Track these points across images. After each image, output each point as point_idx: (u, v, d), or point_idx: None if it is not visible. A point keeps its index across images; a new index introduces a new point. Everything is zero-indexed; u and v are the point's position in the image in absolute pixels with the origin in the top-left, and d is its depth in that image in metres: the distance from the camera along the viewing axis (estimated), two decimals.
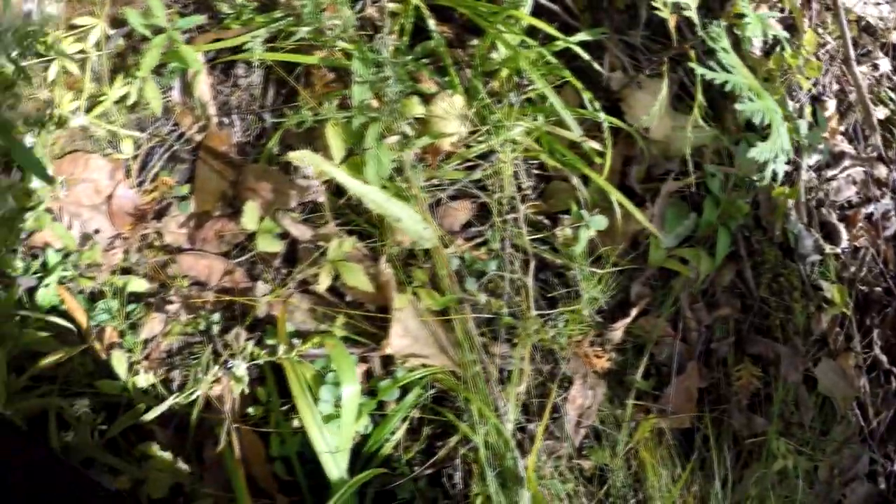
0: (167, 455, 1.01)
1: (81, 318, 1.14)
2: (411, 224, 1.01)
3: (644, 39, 1.28)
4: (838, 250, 1.31)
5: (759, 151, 0.98)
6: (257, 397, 1.12)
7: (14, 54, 0.98)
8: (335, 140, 1.07)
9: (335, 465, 1.01)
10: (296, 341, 1.11)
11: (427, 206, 1.10)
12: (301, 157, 1.05)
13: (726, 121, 1.28)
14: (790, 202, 1.30)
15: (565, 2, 1.24)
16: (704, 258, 1.24)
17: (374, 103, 1.09)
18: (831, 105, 1.35)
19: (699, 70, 0.99)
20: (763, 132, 1.32)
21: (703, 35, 1.03)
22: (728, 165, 1.28)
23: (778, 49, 1.29)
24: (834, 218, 1.31)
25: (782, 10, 1.34)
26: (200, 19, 1.11)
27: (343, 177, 0.97)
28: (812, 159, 1.32)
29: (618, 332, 1.20)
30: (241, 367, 1.02)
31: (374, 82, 1.05)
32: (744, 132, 1.30)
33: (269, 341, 1.11)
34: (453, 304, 1.08)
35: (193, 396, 1.04)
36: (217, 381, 1.10)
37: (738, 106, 0.99)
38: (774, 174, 1.03)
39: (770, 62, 1.30)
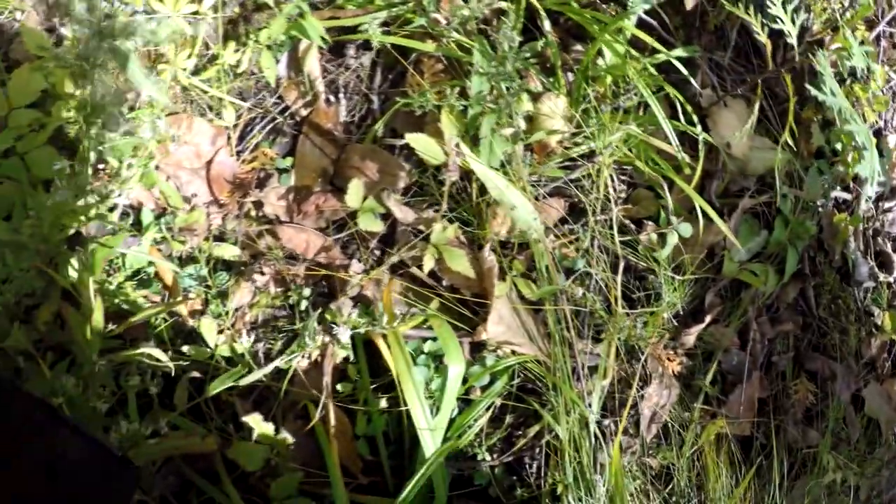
0: (269, 427, 1.01)
1: (170, 281, 1.13)
2: (524, 214, 1.04)
3: (730, 60, 1.34)
4: (891, 279, 1.38)
5: (861, 168, 1.04)
6: (346, 374, 1.12)
7: None
8: (449, 127, 1.09)
9: (432, 444, 1.02)
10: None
11: None
12: (418, 140, 1.08)
13: (799, 146, 1.35)
14: (850, 229, 1.36)
15: (663, 18, 1.29)
16: (772, 274, 1.30)
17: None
18: (891, 140, 1.43)
19: (814, 91, 1.04)
20: (831, 160, 1.39)
21: (814, 61, 1.08)
22: (797, 188, 1.34)
23: (849, 82, 1.37)
24: (889, 248, 1.39)
25: None
26: None
27: (472, 159, 0.99)
28: (871, 190, 1.39)
29: (691, 337, 1.25)
30: (345, 334, 1.03)
31: (493, 75, 1.08)
32: (814, 158, 1.36)
33: (362, 319, 1.12)
34: (550, 295, 1.11)
35: (295, 363, 1.04)
36: (308, 354, 1.11)
37: (846, 127, 1.05)
38: (840, 199, 1.09)
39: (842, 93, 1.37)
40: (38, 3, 1.27)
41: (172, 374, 1.04)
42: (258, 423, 1.00)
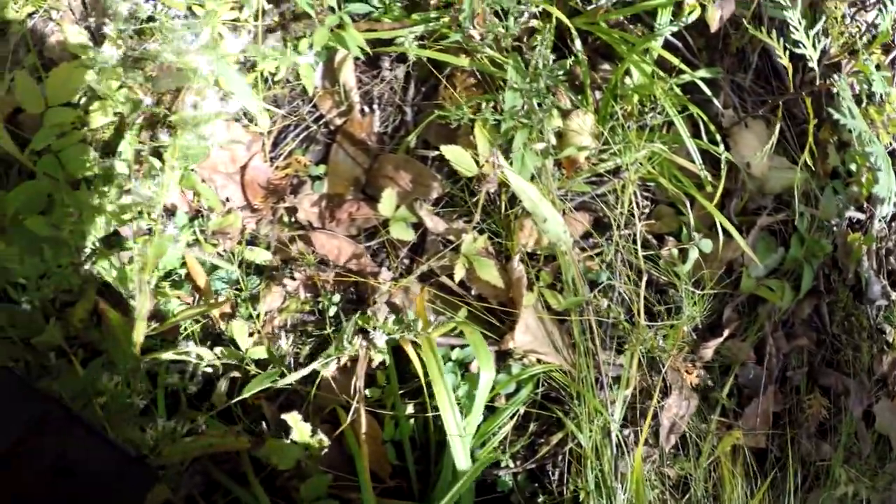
0: (306, 427, 1.03)
1: (202, 283, 1.15)
2: (554, 226, 1.06)
3: (750, 82, 1.38)
4: None
5: (878, 189, 1.08)
6: (374, 380, 1.14)
7: None
8: (482, 140, 1.12)
9: (462, 450, 1.04)
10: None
11: None
12: (453, 152, 1.10)
13: (816, 166, 1.38)
14: (864, 248, 1.40)
15: (687, 40, 1.32)
16: (788, 291, 1.33)
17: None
18: None
19: (836, 115, 1.08)
20: (846, 180, 1.43)
21: (835, 85, 1.12)
22: (813, 207, 1.38)
23: (865, 104, 1.41)
24: None
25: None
26: (367, 7, 1.15)
27: (509, 170, 1.02)
28: (885, 211, 1.43)
29: (710, 350, 1.27)
30: (381, 339, 1.05)
31: (526, 91, 1.11)
32: (829, 178, 1.40)
33: (394, 326, 1.14)
34: (576, 306, 1.13)
35: (332, 364, 1.06)
36: (337, 359, 1.13)
37: (866, 149, 1.08)
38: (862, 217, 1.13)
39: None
40: (75, 2, 1.29)
41: (219, 372, 1.06)
42: (296, 423, 1.02)
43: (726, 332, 1.29)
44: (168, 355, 1.03)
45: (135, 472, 0.97)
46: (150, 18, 1.14)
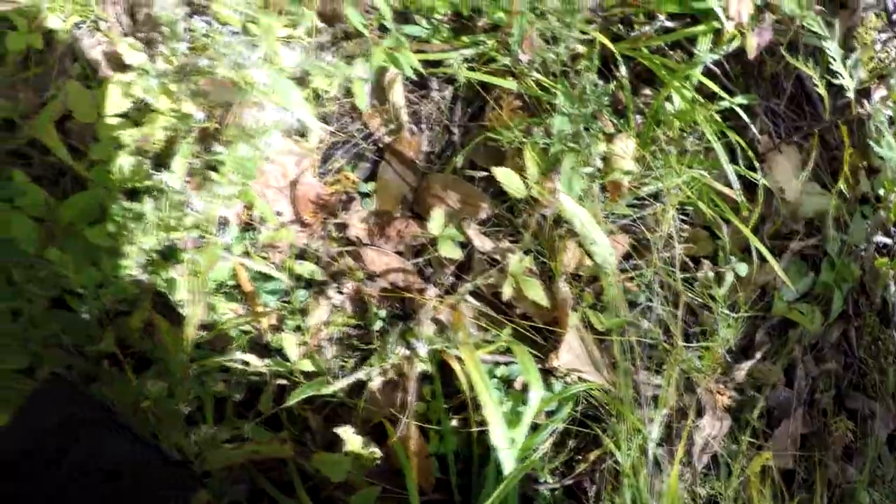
0: (359, 439, 1.05)
1: (251, 295, 1.17)
2: (602, 249, 1.09)
3: (784, 108, 1.41)
4: None
5: None
6: (419, 394, 1.16)
7: None
8: (531, 162, 1.15)
9: (510, 462, 1.06)
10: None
11: None
12: (503, 174, 1.13)
13: (848, 192, 1.42)
14: (891, 273, 1.43)
15: (725, 66, 1.36)
16: (818, 315, 1.36)
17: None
18: None
19: (876, 148, 1.11)
20: (874, 206, 1.46)
21: (872, 113, 1.15)
22: (843, 232, 1.41)
23: (894, 130, 1.44)
24: None
25: None
26: (420, 30, 1.18)
27: (562, 193, 1.04)
28: None
29: (742, 372, 1.30)
30: (424, 348, 1.07)
31: (574, 116, 1.14)
32: (859, 204, 1.43)
33: (438, 337, 1.16)
34: (618, 327, 1.16)
35: (371, 381, 1.09)
36: (383, 372, 1.15)
37: None
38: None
39: None
40: (122, 14, 1.31)
41: (266, 380, 1.08)
42: (349, 436, 1.04)
43: (758, 355, 1.31)
44: (215, 361, 1.05)
45: (178, 477, 0.99)
46: (205, 35, 1.17)
